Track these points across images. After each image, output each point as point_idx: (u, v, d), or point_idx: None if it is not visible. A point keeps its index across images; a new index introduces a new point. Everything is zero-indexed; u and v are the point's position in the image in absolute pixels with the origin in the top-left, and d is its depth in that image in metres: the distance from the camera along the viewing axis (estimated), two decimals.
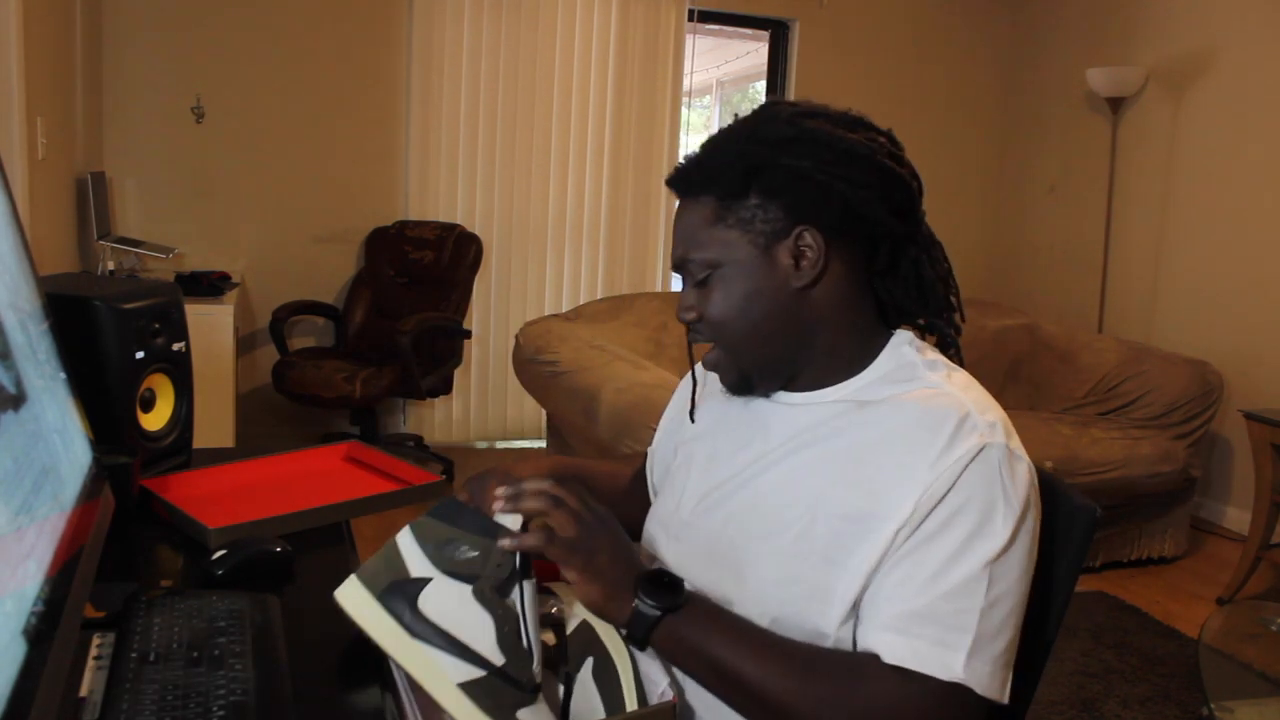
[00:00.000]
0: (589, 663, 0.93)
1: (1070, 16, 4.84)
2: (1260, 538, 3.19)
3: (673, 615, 0.89)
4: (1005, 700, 0.88)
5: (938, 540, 0.87)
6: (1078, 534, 1.02)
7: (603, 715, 0.89)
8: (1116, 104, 4.36)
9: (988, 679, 0.86)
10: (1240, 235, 3.98)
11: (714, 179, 0.97)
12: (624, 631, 0.91)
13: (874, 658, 0.86)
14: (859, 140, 0.96)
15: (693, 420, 1.14)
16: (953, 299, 1.04)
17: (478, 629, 0.85)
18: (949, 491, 0.88)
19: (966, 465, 0.88)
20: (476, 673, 0.84)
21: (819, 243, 0.95)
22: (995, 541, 0.87)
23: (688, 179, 1.00)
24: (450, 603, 0.86)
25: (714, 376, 1.14)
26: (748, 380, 1.03)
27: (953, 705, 0.85)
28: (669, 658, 0.92)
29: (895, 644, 0.85)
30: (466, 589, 0.86)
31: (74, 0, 3.44)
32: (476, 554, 0.87)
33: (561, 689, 0.90)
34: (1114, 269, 4.48)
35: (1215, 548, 3.78)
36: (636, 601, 0.89)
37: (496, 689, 0.84)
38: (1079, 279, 4.71)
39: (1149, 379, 3.62)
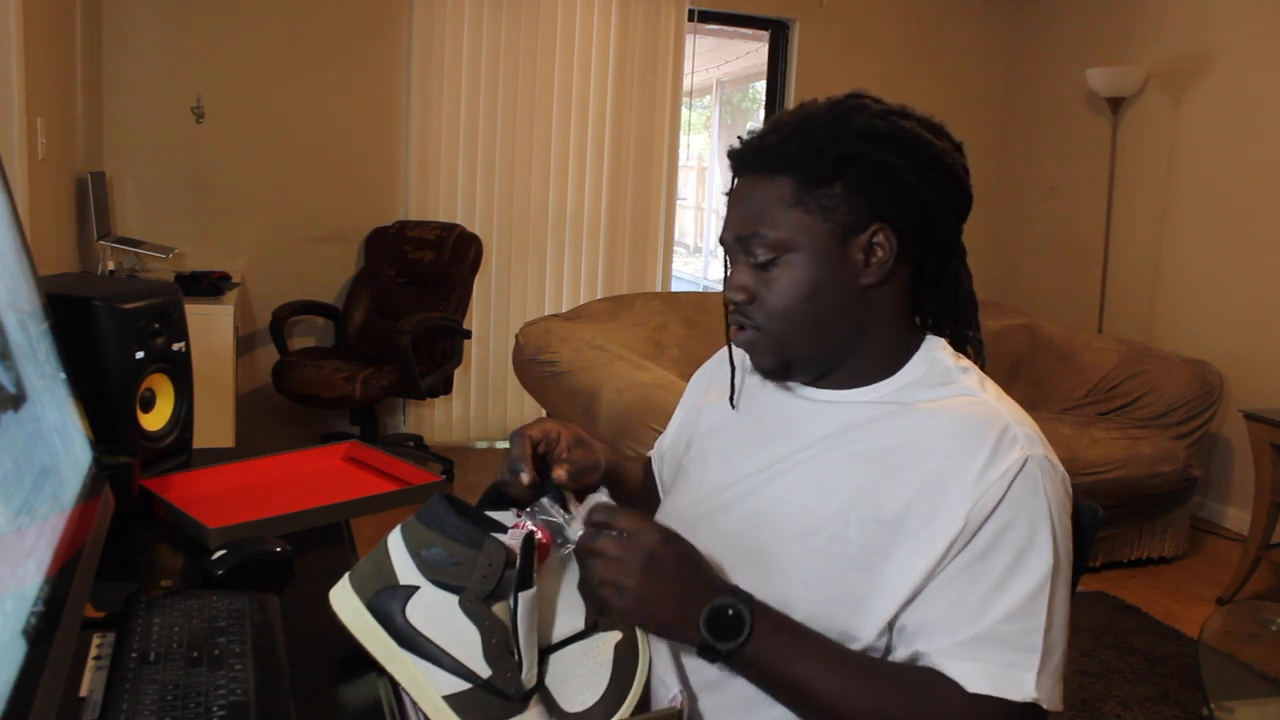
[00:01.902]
0: (617, 635, 0.93)
1: (1070, 16, 4.84)
2: (1260, 538, 3.19)
3: (741, 649, 0.88)
4: (1061, 709, 0.89)
5: (990, 558, 0.88)
6: (1080, 535, 1.02)
7: (604, 687, 0.89)
8: (1116, 104, 4.36)
9: (1050, 692, 0.88)
10: (1240, 235, 3.98)
11: (798, 161, 0.94)
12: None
13: (949, 681, 0.87)
14: (945, 149, 0.97)
15: (734, 406, 1.10)
16: (978, 312, 1.05)
17: (464, 640, 0.85)
18: (998, 506, 0.88)
19: (1012, 481, 0.89)
20: (462, 685, 0.84)
21: (892, 242, 0.95)
22: (1045, 556, 0.88)
23: (763, 155, 0.97)
24: (437, 613, 0.86)
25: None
26: (787, 367, 1.01)
27: None
28: (744, 676, 0.91)
29: (967, 670, 0.86)
30: (453, 599, 0.86)
31: (74, 0, 3.43)
32: (460, 564, 0.87)
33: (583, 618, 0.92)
34: (1114, 269, 4.48)
35: (1215, 548, 3.78)
36: (701, 638, 0.88)
37: (482, 701, 0.84)
38: (1079, 279, 4.71)
39: (1149, 379, 3.62)
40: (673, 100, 4.73)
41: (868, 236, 0.95)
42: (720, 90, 8.66)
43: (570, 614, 0.93)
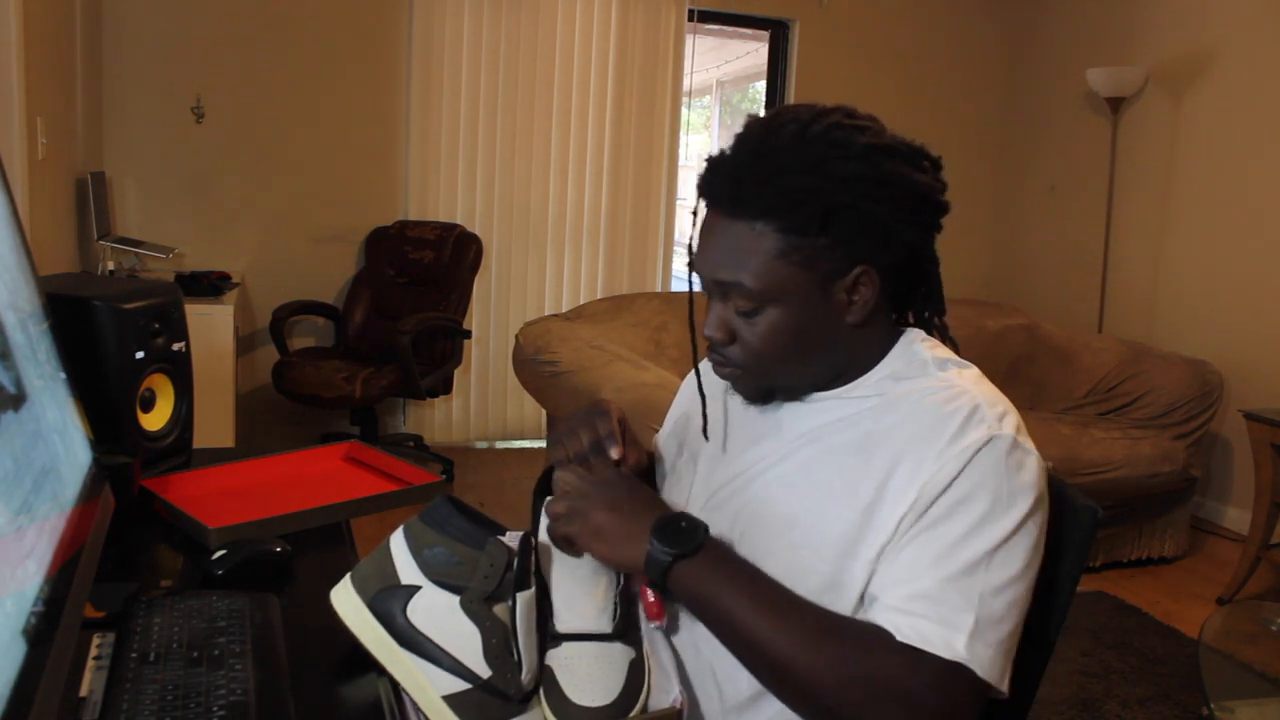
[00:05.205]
0: (633, 653, 0.94)
1: (1070, 16, 4.84)
2: (1260, 538, 3.19)
3: (687, 560, 0.90)
4: (1005, 690, 0.88)
5: (943, 526, 0.88)
6: (1080, 534, 1.02)
7: (614, 696, 0.90)
8: (1116, 104, 4.36)
9: (988, 662, 0.86)
10: (1240, 235, 3.98)
11: (780, 209, 0.91)
12: (643, 575, 0.93)
13: (885, 632, 0.87)
14: (926, 181, 0.95)
15: (706, 438, 1.10)
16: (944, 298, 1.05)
17: (465, 641, 0.85)
18: (954, 480, 0.89)
19: (972, 456, 0.89)
20: (462, 685, 0.84)
21: (875, 281, 0.95)
22: (999, 529, 0.88)
23: (738, 198, 0.93)
24: (439, 613, 0.86)
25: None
26: (769, 394, 1.03)
27: (955, 684, 0.85)
28: (684, 602, 0.93)
29: (901, 623, 0.86)
30: (454, 600, 0.86)
31: (74, 0, 3.43)
32: (463, 564, 0.87)
33: (632, 651, 0.94)
34: (1114, 269, 4.48)
35: (1215, 548, 3.78)
36: (649, 545, 0.90)
37: (482, 702, 0.84)
38: (1079, 279, 4.71)
39: (1149, 379, 3.61)
40: (673, 100, 4.73)
41: (852, 279, 0.94)
42: (720, 90, 8.66)
43: (604, 613, 0.94)
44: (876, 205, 0.91)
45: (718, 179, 0.96)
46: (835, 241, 0.92)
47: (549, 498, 0.98)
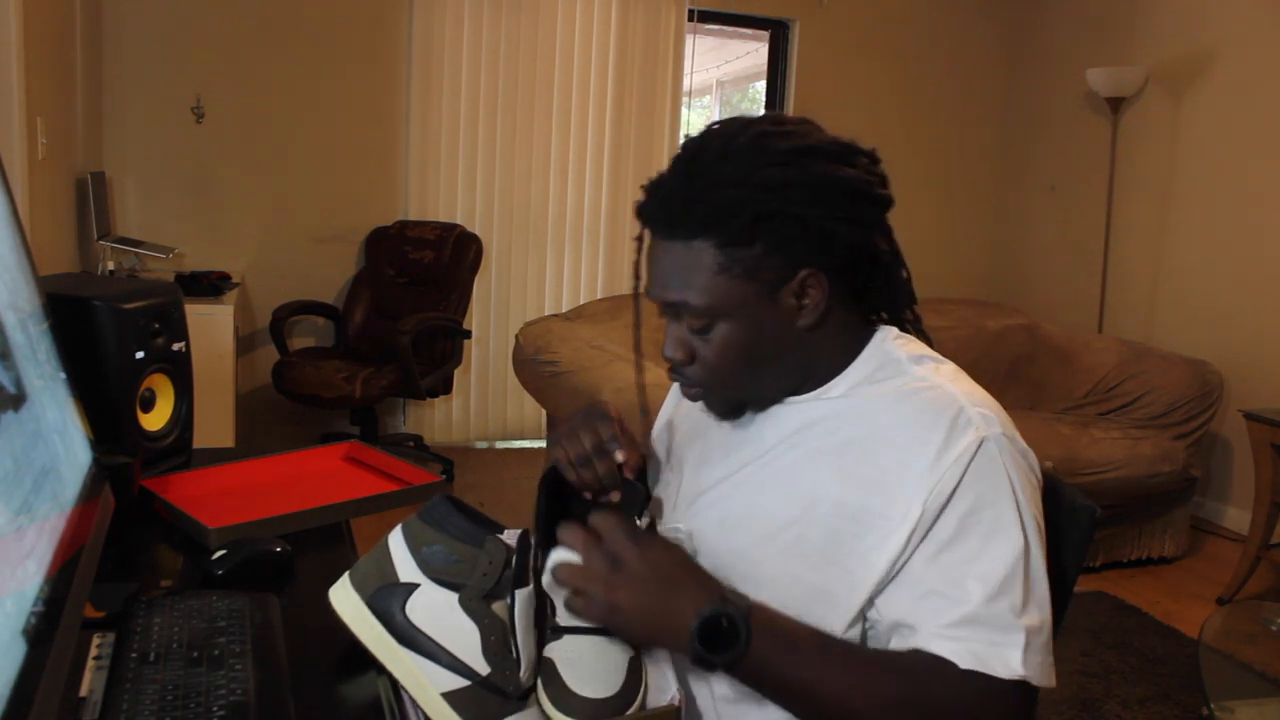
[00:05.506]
0: (631, 650, 0.94)
1: (1070, 16, 4.84)
2: (1260, 538, 3.19)
3: (740, 658, 0.86)
4: (1054, 684, 0.90)
5: (960, 544, 0.88)
6: (1078, 534, 1.02)
7: (614, 690, 0.90)
8: (1116, 104, 4.36)
9: (1041, 668, 0.88)
10: (1240, 235, 3.98)
11: (712, 225, 0.92)
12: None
13: (944, 661, 0.87)
14: (857, 176, 0.94)
15: (654, 452, 1.12)
16: (913, 290, 1.05)
17: (463, 638, 0.85)
18: (955, 492, 0.88)
19: (969, 464, 0.89)
20: (461, 682, 0.84)
21: (823, 283, 0.94)
22: (1015, 535, 0.88)
23: (671, 220, 0.94)
24: (437, 610, 0.86)
25: None
26: (739, 408, 1.03)
27: (1019, 699, 0.87)
28: (742, 682, 0.89)
29: (958, 650, 0.86)
30: (453, 597, 0.86)
31: (74, 0, 3.43)
32: (462, 562, 0.87)
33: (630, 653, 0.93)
34: (1114, 269, 4.48)
35: (1215, 548, 3.78)
36: (691, 648, 0.85)
37: (481, 699, 0.84)
38: (1079, 279, 4.71)
39: (1149, 379, 3.62)
40: (673, 100, 4.73)
41: (797, 283, 0.94)
42: (720, 90, 8.66)
43: None
44: (807, 207, 0.91)
45: (653, 203, 0.96)
46: (771, 248, 0.92)
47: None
